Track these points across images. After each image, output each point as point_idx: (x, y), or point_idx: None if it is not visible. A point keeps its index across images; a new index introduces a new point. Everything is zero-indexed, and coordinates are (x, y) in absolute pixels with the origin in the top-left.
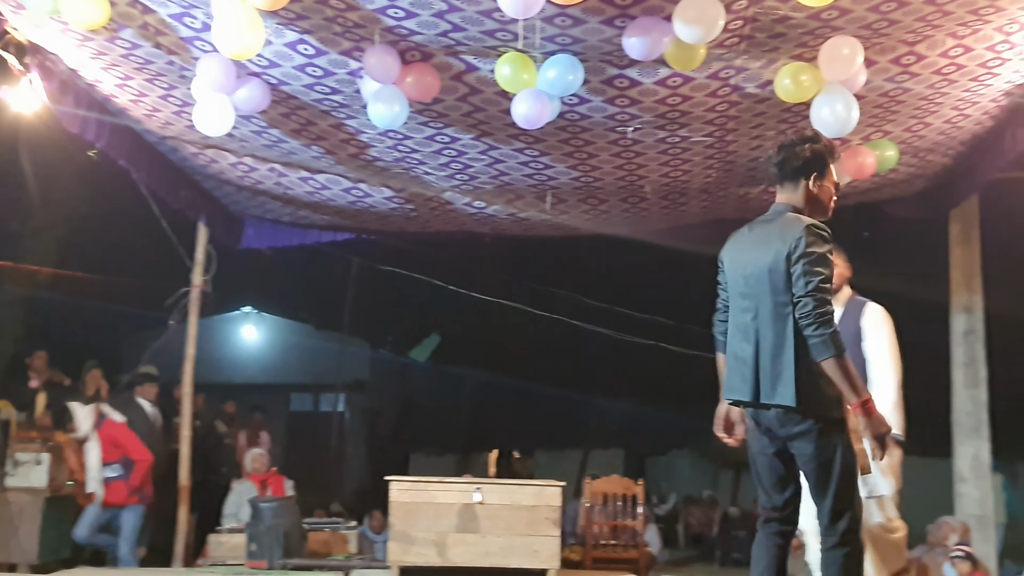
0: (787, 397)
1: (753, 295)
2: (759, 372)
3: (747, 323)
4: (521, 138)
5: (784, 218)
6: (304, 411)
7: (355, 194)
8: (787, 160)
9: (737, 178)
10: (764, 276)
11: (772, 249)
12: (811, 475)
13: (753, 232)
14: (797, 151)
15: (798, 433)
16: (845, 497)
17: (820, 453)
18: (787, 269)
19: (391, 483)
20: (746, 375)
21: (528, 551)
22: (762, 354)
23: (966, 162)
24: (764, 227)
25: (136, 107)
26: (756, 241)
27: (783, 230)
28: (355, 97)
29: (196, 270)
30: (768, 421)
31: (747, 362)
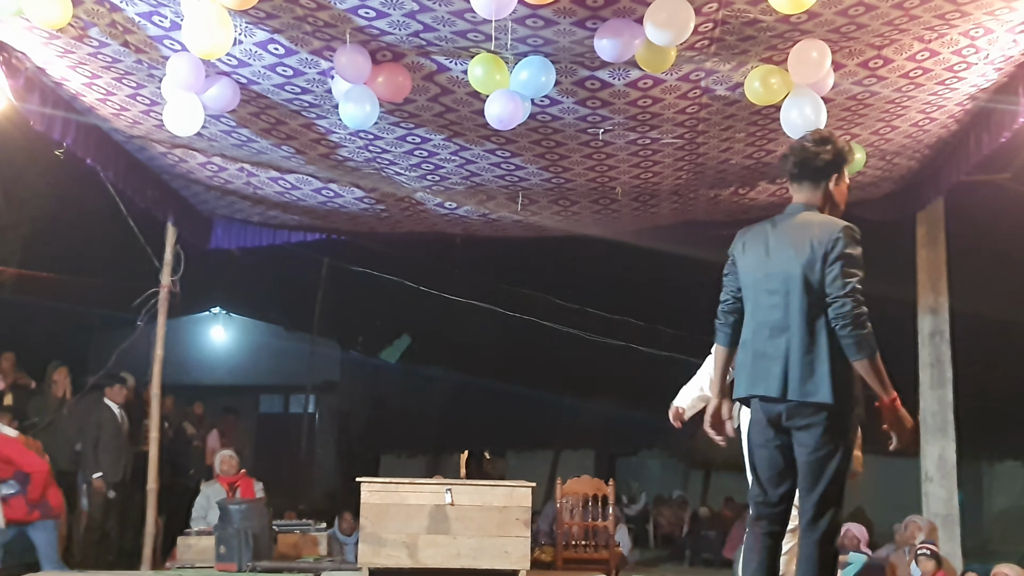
0: (823, 394)
1: (782, 292)
2: (788, 368)
3: (775, 320)
4: (492, 139)
5: (811, 217)
6: (274, 413)
7: (325, 194)
8: (808, 160)
9: (707, 180)
10: (797, 274)
11: (806, 248)
12: (807, 466)
13: (777, 230)
14: (818, 151)
15: (806, 424)
16: (834, 494)
17: (823, 446)
18: (823, 268)
19: (362, 484)
20: (773, 371)
21: (499, 552)
22: (793, 350)
23: (932, 165)
24: (789, 225)
25: (104, 106)
26: (784, 239)
27: (817, 229)
28: (326, 97)
29: (164, 270)
30: (777, 414)
31: (775, 358)
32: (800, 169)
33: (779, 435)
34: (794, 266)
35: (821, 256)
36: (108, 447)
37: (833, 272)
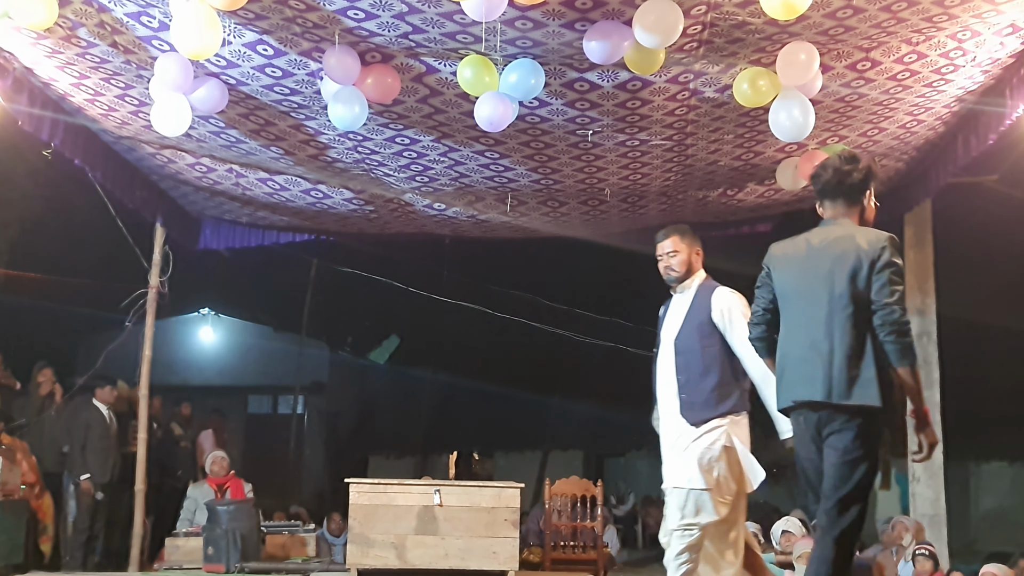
0: (871, 397)
1: (826, 300)
2: (833, 373)
3: (819, 327)
4: (481, 140)
5: (852, 229)
6: (262, 413)
7: (314, 195)
8: (844, 178)
9: (696, 181)
10: (843, 282)
11: (851, 257)
12: (835, 467)
13: (818, 241)
14: (851, 169)
15: (839, 429)
16: (858, 498)
17: (854, 450)
18: (869, 276)
19: (350, 485)
20: (816, 375)
21: (487, 553)
22: (837, 356)
23: (919, 167)
24: (830, 237)
25: (92, 106)
26: (826, 250)
27: (862, 240)
28: (315, 98)
29: (153, 271)
30: (821, 422)
31: (818, 364)
32: (836, 187)
33: (817, 446)
34: (839, 275)
35: (868, 265)
36: (96, 448)
37: (881, 280)
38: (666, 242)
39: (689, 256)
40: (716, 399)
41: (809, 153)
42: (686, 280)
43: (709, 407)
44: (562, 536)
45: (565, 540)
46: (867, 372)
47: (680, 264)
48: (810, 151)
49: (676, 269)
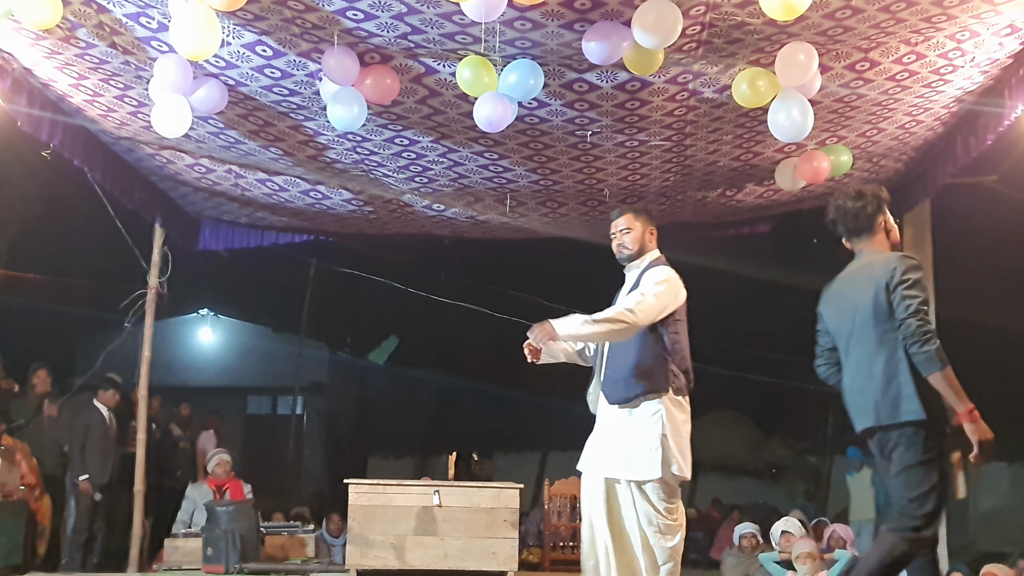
0: (915, 412)
1: (860, 330)
2: (876, 398)
3: (860, 356)
4: (480, 141)
5: (872, 258)
6: (262, 414)
7: (313, 196)
8: (855, 217)
9: (695, 182)
10: (868, 310)
11: (871, 284)
12: (899, 476)
13: (844, 278)
14: (861, 206)
15: (895, 445)
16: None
17: (912, 459)
18: (887, 298)
19: (349, 486)
20: (867, 403)
21: (486, 553)
22: (877, 381)
23: (918, 167)
24: (855, 271)
25: (91, 107)
26: (851, 284)
27: (877, 266)
28: (314, 99)
29: (152, 272)
30: (877, 445)
31: (866, 391)
32: (853, 227)
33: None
34: (863, 303)
35: (884, 287)
36: (95, 449)
37: (897, 297)
38: (620, 219)
39: (643, 235)
40: (640, 376)
41: (808, 153)
42: (638, 259)
43: (630, 386)
44: (561, 537)
45: (564, 541)
46: (907, 388)
47: (633, 242)
48: (809, 151)
49: (628, 247)
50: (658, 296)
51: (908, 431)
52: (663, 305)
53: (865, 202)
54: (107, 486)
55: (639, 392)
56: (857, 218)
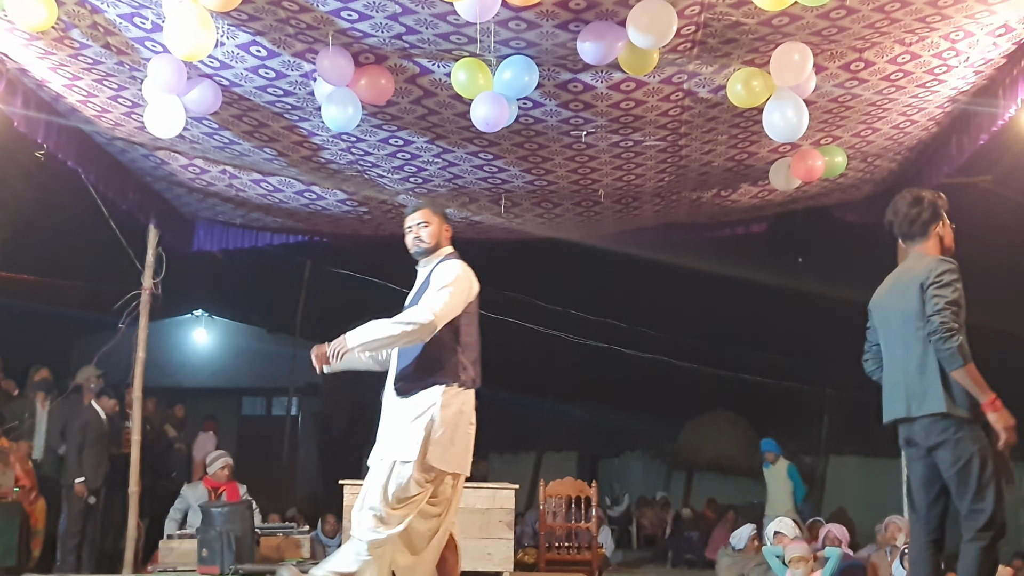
0: (938, 405)
1: (899, 327)
2: (908, 389)
3: (897, 352)
4: (475, 141)
5: (917, 261)
6: (256, 415)
7: (308, 196)
8: (912, 222)
9: (690, 182)
10: (907, 309)
11: (912, 285)
12: (953, 479)
13: (894, 277)
14: (919, 212)
15: (941, 442)
16: (982, 496)
17: (959, 458)
18: (921, 297)
19: (345, 487)
20: (899, 395)
21: (482, 554)
22: (909, 373)
23: (913, 167)
24: (901, 272)
25: (85, 107)
26: (896, 284)
27: (919, 268)
28: (308, 99)
29: (146, 272)
30: (916, 435)
31: (899, 384)
32: (907, 232)
33: (918, 451)
34: (905, 303)
35: (919, 288)
36: (92, 452)
37: (928, 296)
38: (416, 214)
39: (438, 230)
40: (426, 369)
41: (802, 152)
42: (432, 254)
43: (416, 376)
44: (557, 537)
45: (560, 541)
46: (934, 385)
47: (429, 236)
48: (803, 151)
49: (424, 240)
50: (452, 295)
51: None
52: (456, 303)
53: (921, 209)
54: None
55: (425, 384)
56: (913, 224)
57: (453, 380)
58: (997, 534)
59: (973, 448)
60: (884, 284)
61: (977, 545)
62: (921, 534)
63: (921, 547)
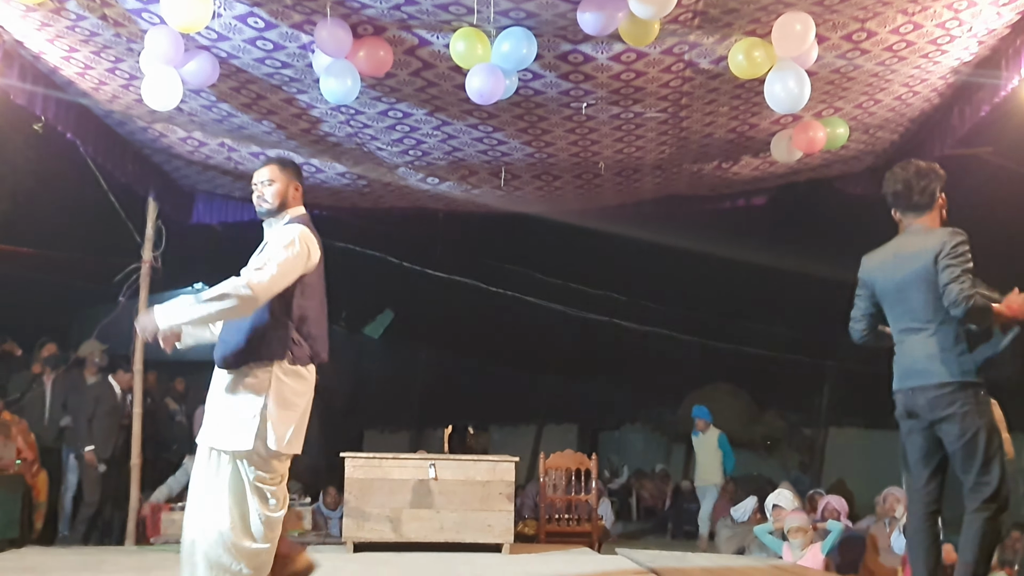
0: (951, 373)
1: (909, 297)
2: (921, 359)
3: (908, 321)
4: (475, 114)
5: (924, 232)
6: None
7: (307, 169)
8: (923, 192)
9: (690, 154)
10: (920, 279)
11: (923, 256)
12: (959, 452)
13: (901, 247)
14: (925, 184)
15: (947, 416)
16: (989, 469)
17: (965, 431)
18: (936, 269)
19: (346, 459)
20: (911, 365)
21: (482, 526)
22: (922, 343)
23: (914, 139)
24: (909, 242)
25: (82, 80)
26: (907, 253)
27: (930, 240)
28: (306, 71)
29: (146, 245)
30: (920, 407)
31: (911, 354)
32: (917, 202)
33: (919, 423)
34: (915, 274)
35: (933, 259)
36: (102, 423)
37: (941, 266)
38: (263, 170)
39: (286, 189)
40: (251, 343)
41: (803, 124)
42: (278, 215)
43: (243, 348)
44: (557, 509)
45: (560, 513)
46: (947, 354)
47: (274, 196)
48: (805, 122)
49: (268, 200)
50: (281, 266)
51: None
52: (287, 272)
53: (930, 180)
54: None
55: (250, 358)
56: (922, 194)
57: (281, 356)
58: (1001, 507)
59: (980, 421)
60: (882, 255)
61: (982, 516)
62: (919, 506)
63: (919, 518)
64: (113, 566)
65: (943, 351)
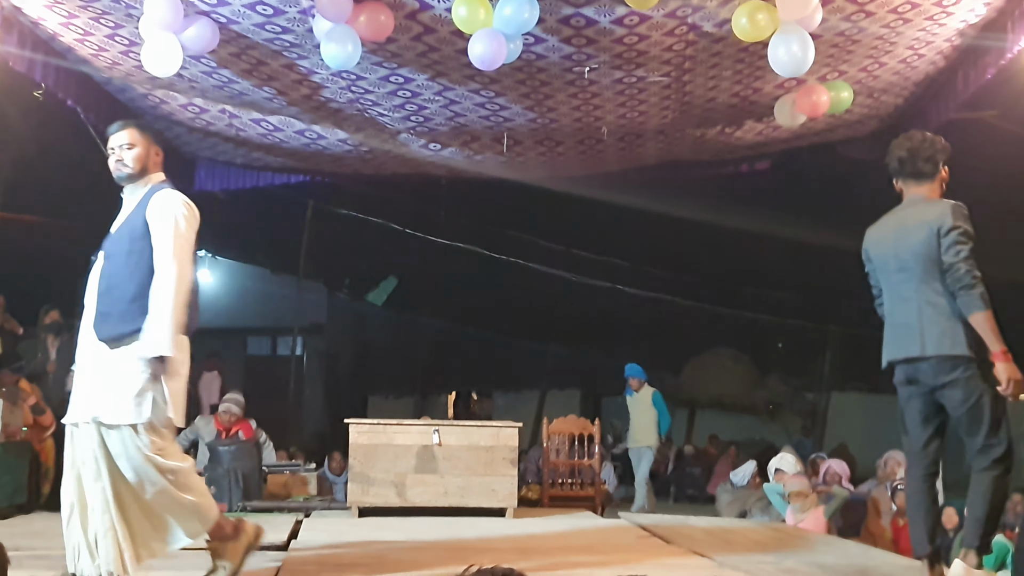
0: (961, 347)
1: (910, 268)
2: (924, 331)
3: (907, 292)
4: (476, 79)
5: (925, 204)
6: (261, 355)
7: (309, 136)
8: (929, 160)
9: (693, 119)
10: (921, 251)
11: (925, 228)
12: (964, 416)
13: (900, 218)
14: (933, 154)
15: (950, 381)
16: (997, 430)
17: (969, 396)
18: (938, 242)
19: (350, 425)
20: (911, 336)
21: (486, 491)
22: (925, 315)
23: (919, 103)
24: (909, 213)
25: (82, 46)
26: (907, 224)
27: (931, 212)
28: (307, 36)
29: None
30: (923, 375)
31: (911, 325)
32: (923, 171)
33: (918, 389)
34: (917, 245)
35: (935, 232)
36: None
37: (947, 242)
38: (122, 133)
39: (146, 153)
40: (137, 311)
41: (807, 87)
42: (140, 180)
43: (126, 320)
44: (560, 474)
45: (563, 478)
46: (956, 327)
47: (135, 160)
48: (809, 86)
49: (128, 164)
50: (187, 234)
51: (957, 369)
52: (193, 241)
53: (935, 149)
54: None
55: (136, 328)
56: (928, 162)
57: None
58: (1008, 467)
59: (983, 385)
60: (882, 226)
61: (991, 474)
62: (918, 468)
63: (918, 480)
64: None
65: (949, 323)
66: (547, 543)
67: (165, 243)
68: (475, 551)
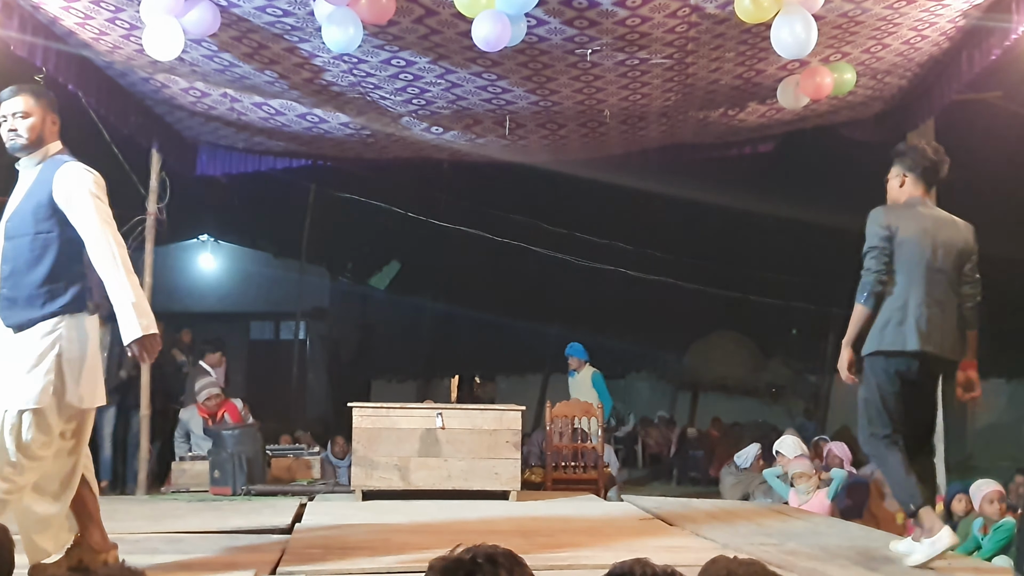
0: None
1: (946, 271)
2: (944, 330)
3: (939, 293)
4: (478, 61)
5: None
6: (264, 339)
7: (310, 120)
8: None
9: (696, 101)
10: (952, 259)
11: (959, 240)
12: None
13: (934, 220)
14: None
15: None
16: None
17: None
18: (966, 261)
19: (354, 409)
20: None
21: (489, 474)
22: (949, 319)
23: (923, 84)
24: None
25: (83, 30)
26: (944, 231)
27: (959, 226)
28: (308, 19)
29: (150, 197)
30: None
31: (937, 323)
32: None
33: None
34: (950, 250)
35: (969, 253)
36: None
37: (970, 265)
38: (14, 100)
39: (43, 122)
40: (45, 296)
41: (810, 69)
42: (36, 150)
43: (35, 306)
44: (563, 457)
45: (566, 461)
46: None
47: (29, 129)
48: (812, 68)
49: (23, 135)
50: (105, 203)
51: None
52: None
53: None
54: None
55: (48, 312)
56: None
57: (78, 308)
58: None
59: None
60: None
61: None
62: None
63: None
64: (125, 514)
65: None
66: (550, 526)
67: (90, 220)
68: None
